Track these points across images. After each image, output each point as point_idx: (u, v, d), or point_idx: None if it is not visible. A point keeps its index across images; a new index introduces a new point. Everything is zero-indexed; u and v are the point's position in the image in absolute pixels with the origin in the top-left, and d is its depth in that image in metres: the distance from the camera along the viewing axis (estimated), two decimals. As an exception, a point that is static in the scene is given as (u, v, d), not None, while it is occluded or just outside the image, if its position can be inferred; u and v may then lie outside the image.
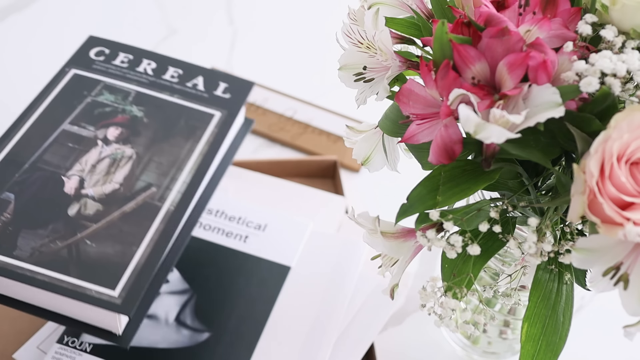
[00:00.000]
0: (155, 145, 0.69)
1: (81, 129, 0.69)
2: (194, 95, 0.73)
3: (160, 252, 0.61)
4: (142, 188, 0.65)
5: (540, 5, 0.41)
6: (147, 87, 0.73)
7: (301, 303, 0.69)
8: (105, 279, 0.58)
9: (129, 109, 0.71)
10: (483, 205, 0.43)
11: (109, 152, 0.67)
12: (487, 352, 0.69)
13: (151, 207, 0.64)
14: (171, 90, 0.73)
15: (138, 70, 0.75)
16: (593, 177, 0.35)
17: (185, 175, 0.66)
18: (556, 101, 0.36)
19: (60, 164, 0.66)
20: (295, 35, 1.05)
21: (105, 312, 0.57)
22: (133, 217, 0.63)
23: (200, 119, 0.71)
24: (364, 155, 0.53)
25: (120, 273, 0.59)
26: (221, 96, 0.73)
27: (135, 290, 0.58)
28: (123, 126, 0.70)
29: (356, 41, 0.46)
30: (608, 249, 0.37)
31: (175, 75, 0.74)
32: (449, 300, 0.43)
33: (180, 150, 0.68)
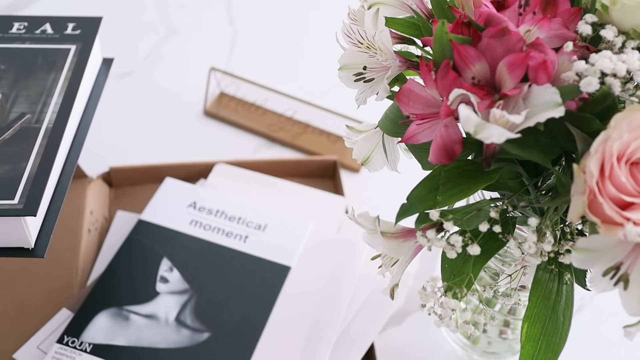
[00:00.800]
0: (20, 83, 0.70)
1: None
2: (45, 39, 0.74)
3: (50, 160, 0.62)
4: (16, 118, 0.66)
5: (540, 5, 0.41)
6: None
7: (301, 303, 0.69)
8: (2, 193, 0.60)
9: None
10: (483, 205, 0.43)
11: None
12: (487, 352, 0.69)
13: (30, 129, 0.65)
14: (21, 40, 0.74)
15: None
16: (593, 177, 0.35)
17: (56, 98, 0.68)
18: (556, 101, 0.36)
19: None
20: (295, 35, 1.05)
21: (11, 222, 0.58)
22: (14, 141, 0.64)
23: (57, 54, 0.73)
24: (364, 155, 0.53)
25: (16, 185, 0.61)
26: (72, 33, 0.75)
27: (34, 194, 0.60)
28: None
29: (356, 41, 0.46)
30: (608, 249, 0.37)
31: (21, 27, 0.76)
32: (449, 300, 0.43)
33: (45, 82, 0.70)
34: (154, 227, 0.74)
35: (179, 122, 0.92)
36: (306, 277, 0.71)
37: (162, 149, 0.88)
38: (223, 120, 0.91)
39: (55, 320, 0.67)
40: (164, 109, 0.93)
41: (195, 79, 0.96)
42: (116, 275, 0.70)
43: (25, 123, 0.66)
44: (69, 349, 0.64)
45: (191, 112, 0.93)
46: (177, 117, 0.92)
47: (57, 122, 0.66)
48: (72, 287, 0.71)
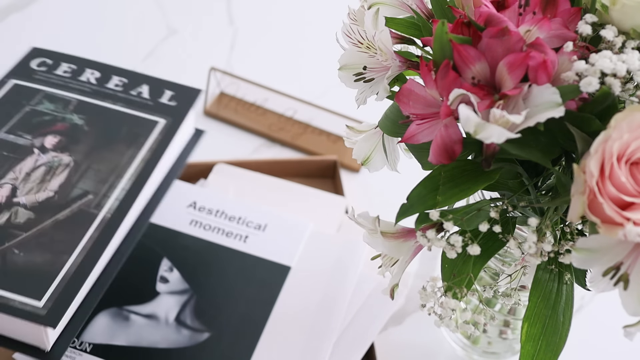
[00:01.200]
0: (95, 152, 0.66)
1: (17, 137, 0.68)
2: (138, 103, 0.71)
3: (93, 261, 0.58)
4: (78, 196, 0.63)
5: (540, 5, 0.41)
6: (90, 96, 0.71)
7: (301, 303, 0.69)
8: (31, 289, 0.55)
9: (69, 117, 0.69)
10: (483, 205, 0.43)
11: (46, 160, 0.65)
12: (487, 352, 0.69)
13: (86, 214, 0.61)
14: (114, 98, 0.71)
15: (81, 79, 0.73)
16: (593, 177, 0.35)
17: (125, 182, 0.64)
18: (556, 101, 0.36)
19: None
20: (295, 35, 1.05)
21: (30, 325, 0.54)
22: (66, 225, 0.60)
23: (144, 126, 0.69)
24: (364, 155, 0.53)
25: (47, 283, 0.56)
26: (166, 104, 0.71)
27: (62, 301, 0.55)
28: (62, 134, 0.68)
29: (356, 41, 0.46)
30: (608, 249, 0.37)
31: (119, 83, 0.72)
32: (449, 300, 0.43)
33: (120, 158, 0.66)
34: (154, 227, 0.74)
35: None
36: (306, 277, 0.71)
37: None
38: (223, 120, 0.91)
39: (55, 320, 0.67)
40: (164, 109, 0.93)
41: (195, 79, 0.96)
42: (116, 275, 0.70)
43: (84, 205, 0.62)
44: (69, 348, 0.64)
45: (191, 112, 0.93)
46: (177, 117, 0.92)
47: (116, 213, 0.61)
48: (72, 287, 0.71)
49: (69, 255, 0.58)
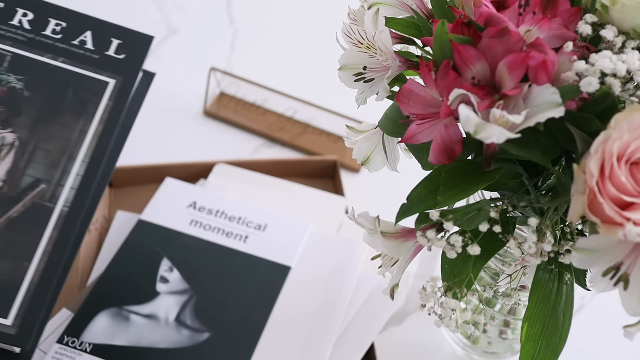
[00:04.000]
0: (41, 127, 0.59)
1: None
2: (82, 56, 0.62)
3: (56, 266, 0.53)
4: (29, 185, 0.56)
5: (540, 5, 0.41)
6: (25, 47, 0.61)
7: (301, 303, 0.69)
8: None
9: (5, 78, 0.60)
10: (483, 205, 0.43)
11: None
12: (487, 352, 0.69)
13: (41, 209, 0.55)
14: (54, 50, 0.61)
15: (12, 23, 0.62)
16: (593, 177, 0.35)
17: (79, 166, 0.57)
18: (556, 101, 0.36)
19: None
20: (295, 35, 1.05)
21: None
22: (21, 223, 0.55)
23: (92, 88, 0.60)
24: (364, 155, 0.53)
25: (12, 297, 0.52)
26: (115, 57, 0.62)
27: (31, 316, 0.51)
28: (1, 103, 0.59)
29: (356, 41, 0.46)
30: (608, 249, 0.37)
31: (57, 29, 0.62)
32: (449, 300, 0.43)
33: (70, 133, 0.58)
34: (154, 227, 0.74)
35: (179, 122, 0.92)
36: (306, 277, 0.71)
37: (162, 149, 0.88)
38: (223, 120, 0.91)
39: (55, 320, 0.67)
40: (164, 109, 0.93)
41: (195, 79, 0.96)
42: (116, 275, 0.70)
43: (37, 197, 0.56)
44: (69, 349, 0.64)
45: (191, 112, 0.93)
46: (177, 117, 0.92)
47: (74, 206, 0.56)
48: (72, 287, 0.71)
49: (29, 261, 0.53)
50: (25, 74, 0.60)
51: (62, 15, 0.64)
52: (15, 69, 0.60)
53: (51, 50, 0.61)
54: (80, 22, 0.64)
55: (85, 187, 0.57)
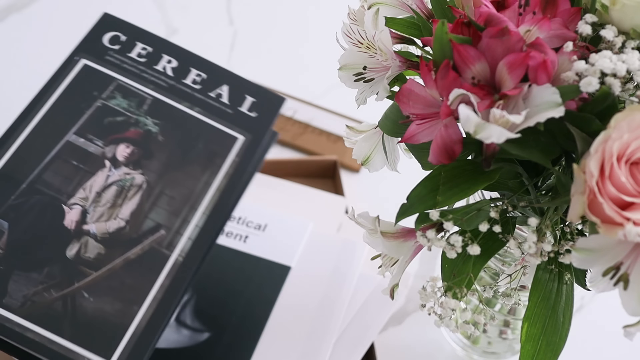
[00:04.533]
0: (169, 173, 0.60)
1: (88, 142, 0.60)
2: (216, 109, 0.63)
3: (164, 314, 0.54)
4: (150, 229, 0.57)
5: (540, 5, 0.41)
6: (166, 93, 0.63)
7: (301, 303, 0.69)
8: (101, 345, 0.52)
9: (143, 120, 0.62)
10: (483, 205, 0.43)
11: (117, 178, 0.59)
12: (487, 352, 0.69)
13: (158, 255, 0.56)
14: (192, 100, 0.63)
15: (157, 68, 0.64)
16: (593, 177, 0.35)
17: (199, 217, 0.58)
18: (556, 101, 0.36)
19: (61, 187, 0.58)
20: (295, 35, 1.05)
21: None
22: (137, 266, 0.56)
23: (222, 142, 0.62)
24: (364, 155, 0.53)
25: (117, 339, 0.52)
26: (247, 114, 0.63)
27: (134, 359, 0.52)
28: (135, 144, 0.61)
29: (356, 41, 0.46)
30: (608, 249, 0.37)
31: (198, 80, 0.64)
32: (449, 300, 0.43)
33: (195, 183, 0.59)
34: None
35: (179, 122, 0.92)
36: (306, 277, 0.71)
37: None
38: (223, 120, 0.91)
39: (55, 320, 0.67)
40: (164, 109, 0.93)
41: (195, 79, 0.96)
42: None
43: (156, 242, 0.56)
44: (69, 349, 0.64)
45: (191, 112, 0.93)
46: (177, 117, 0.92)
47: (189, 257, 0.56)
48: (72, 287, 0.71)
49: (139, 305, 0.54)
50: (162, 119, 0.62)
51: (203, 67, 0.66)
52: (153, 112, 0.62)
53: (189, 99, 0.63)
54: (219, 75, 0.66)
55: (202, 239, 0.57)
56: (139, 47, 0.65)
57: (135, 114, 0.62)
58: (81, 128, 0.61)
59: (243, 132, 0.63)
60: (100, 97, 0.62)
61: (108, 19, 0.67)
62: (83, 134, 0.61)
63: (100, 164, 0.60)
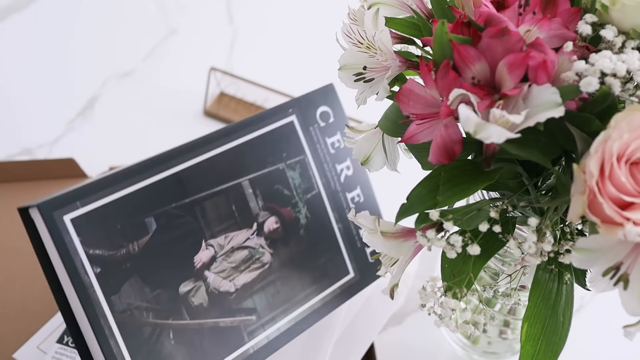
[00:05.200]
0: (289, 268, 0.61)
1: (252, 195, 0.60)
2: (352, 237, 0.65)
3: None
4: (247, 309, 0.58)
5: (540, 5, 0.41)
6: (329, 195, 0.64)
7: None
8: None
9: (300, 207, 0.62)
10: (483, 205, 0.43)
11: (253, 245, 0.60)
12: (487, 352, 0.69)
13: (239, 336, 0.58)
14: (341, 215, 0.64)
15: (337, 167, 0.64)
16: (593, 177, 0.35)
17: (286, 322, 0.60)
18: (556, 101, 0.36)
19: (211, 223, 0.58)
20: (295, 35, 1.05)
21: None
22: (219, 335, 0.57)
23: (337, 269, 0.64)
24: (364, 155, 0.53)
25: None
26: (368, 256, 0.65)
27: None
28: (284, 224, 0.62)
29: (356, 41, 0.46)
30: (608, 249, 0.37)
31: (355, 199, 0.65)
32: (449, 300, 0.43)
33: (301, 290, 0.61)
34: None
35: (179, 122, 0.92)
36: (306, 277, 0.71)
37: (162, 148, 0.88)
38: (223, 120, 0.91)
39: (55, 320, 0.67)
40: (164, 109, 0.93)
41: (195, 79, 0.96)
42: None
43: (244, 324, 0.58)
44: (69, 349, 0.64)
45: (191, 112, 0.93)
46: (177, 117, 0.92)
47: (258, 353, 0.58)
48: (72, 287, 0.71)
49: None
50: (313, 216, 0.63)
51: (365, 191, 0.66)
52: (310, 205, 0.63)
53: (340, 212, 0.64)
54: (372, 199, 0.67)
55: (275, 343, 0.59)
56: (337, 137, 0.65)
57: (299, 196, 0.63)
58: (256, 179, 0.61)
59: (357, 270, 0.65)
60: (285, 162, 0.62)
61: (331, 92, 0.66)
62: (253, 186, 0.60)
63: (250, 222, 0.60)
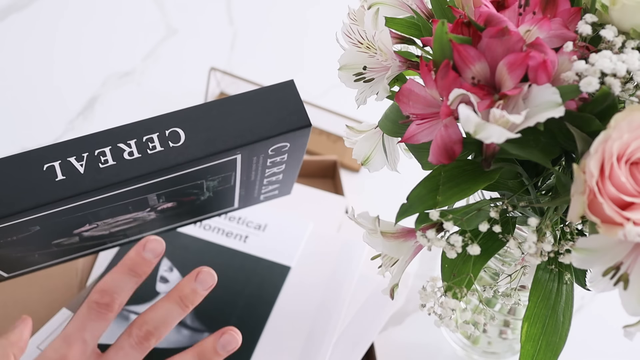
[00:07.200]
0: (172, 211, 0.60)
1: (153, 199, 0.56)
2: (252, 191, 0.61)
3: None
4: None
5: (540, 5, 0.41)
6: (244, 181, 0.59)
7: (301, 303, 0.69)
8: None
9: (205, 194, 0.58)
10: (483, 205, 0.43)
11: (140, 215, 0.59)
12: (487, 352, 0.69)
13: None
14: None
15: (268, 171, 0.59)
16: (593, 177, 0.35)
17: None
18: (556, 101, 0.36)
19: (102, 217, 0.56)
20: (295, 35, 1.05)
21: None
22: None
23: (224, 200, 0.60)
24: (364, 155, 0.53)
25: None
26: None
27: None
28: (180, 202, 0.59)
29: (356, 41, 0.46)
30: (608, 249, 0.37)
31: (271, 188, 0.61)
32: (449, 300, 0.43)
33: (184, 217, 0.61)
34: (153, 227, 0.74)
35: (179, 122, 0.92)
36: (306, 277, 0.71)
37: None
38: (223, 120, 0.91)
39: (55, 320, 0.67)
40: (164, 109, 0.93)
41: (195, 79, 0.96)
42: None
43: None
44: (69, 349, 0.64)
45: (191, 112, 0.93)
46: (177, 117, 0.92)
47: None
48: (72, 287, 0.71)
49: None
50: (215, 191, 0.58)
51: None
52: (217, 191, 0.58)
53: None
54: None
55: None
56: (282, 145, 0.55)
57: (209, 191, 0.58)
58: (166, 193, 0.55)
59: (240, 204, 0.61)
60: (205, 178, 0.55)
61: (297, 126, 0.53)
62: (159, 195, 0.55)
63: (143, 208, 0.57)
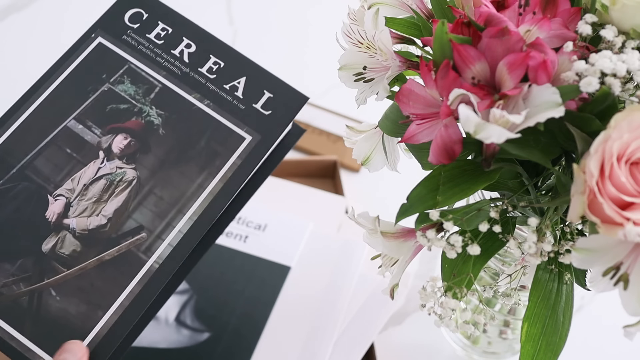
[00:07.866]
0: (163, 171, 0.55)
1: (86, 130, 0.56)
2: (228, 103, 0.57)
3: (128, 324, 0.51)
4: (131, 231, 0.53)
5: (540, 5, 0.41)
6: (177, 82, 0.58)
7: (301, 303, 0.69)
8: (57, 348, 0.50)
9: (147, 110, 0.57)
10: (483, 205, 0.43)
11: (108, 171, 0.55)
12: (487, 352, 0.69)
13: (134, 259, 0.52)
14: (203, 91, 0.57)
15: (173, 52, 0.59)
16: (593, 177, 0.35)
17: (184, 222, 0.53)
18: (556, 101, 0.36)
19: (50, 176, 0.55)
20: (295, 35, 1.05)
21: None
22: (110, 268, 0.52)
23: (226, 141, 0.56)
24: (364, 155, 0.53)
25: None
26: (260, 111, 0.57)
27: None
28: (134, 135, 0.56)
29: (356, 41, 0.46)
30: (608, 249, 0.37)
31: (214, 68, 0.58)
32: (449, 300, 0.43)
33: (188, 185, 0.55)
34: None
35: (179, 122, 0.92)
36: (306, 277, 0.71)
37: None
38: (223, 120, 0.91)
39: (55, 320, 0.67)
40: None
41: (195, 79, 0.96)
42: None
43: (135, 245, 0.53)
44: (69, 349, 0.64)
45: (191, 112, 0.93)
46: (177, 117, 0.92)
47: (165, 265, 0.52)
48: None
49: (105, 311, 0.51)
50: (168, 110, 0.57)
51: (223, 54, 0.59)
52: (160, 102, 0.57)
53: (200, 90, 0.57)
54: (239, 65, 0.59)
55: (183, 246, 0.53)
56: (159, 28, 0.60)
57: (140, 102, 0.57)
58: (82, 113, 0.57)
59: (252, 131, 0.56)
60: (109, 81, 0.57)
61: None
62: (83, 120, 0.56)
63: (94, 154, 0.56)
